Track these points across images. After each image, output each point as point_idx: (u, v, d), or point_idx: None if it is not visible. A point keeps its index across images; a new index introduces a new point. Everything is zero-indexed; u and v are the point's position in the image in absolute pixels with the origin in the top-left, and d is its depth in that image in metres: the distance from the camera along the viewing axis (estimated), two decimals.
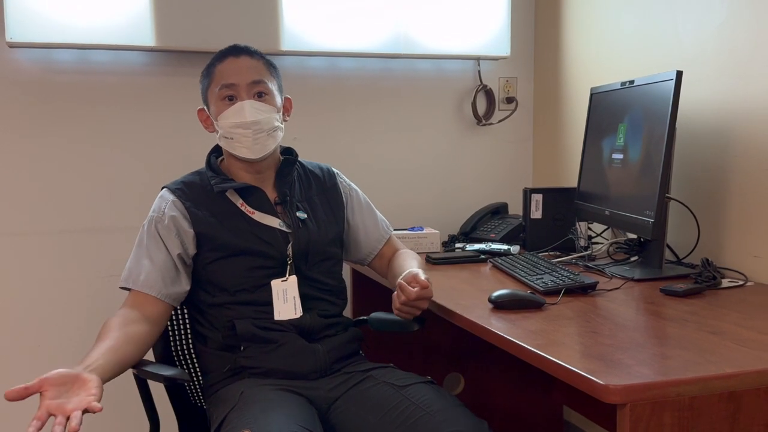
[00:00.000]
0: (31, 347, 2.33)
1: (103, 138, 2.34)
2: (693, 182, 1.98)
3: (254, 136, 1.63)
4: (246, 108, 1.63)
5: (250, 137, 1.63)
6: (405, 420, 1.47)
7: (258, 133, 1.64)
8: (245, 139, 1.64)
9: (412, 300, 1.52)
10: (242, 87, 1.64)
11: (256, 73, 1.66)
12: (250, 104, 1.63)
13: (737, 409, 1.10)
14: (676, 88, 1.72)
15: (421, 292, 1.52)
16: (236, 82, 1.64)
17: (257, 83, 1.66)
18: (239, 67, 1.66)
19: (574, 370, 1.14)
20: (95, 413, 1.25)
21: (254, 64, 1.68)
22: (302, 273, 1.68)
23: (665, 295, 1.64)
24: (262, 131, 1.64)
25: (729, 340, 1.28)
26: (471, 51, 2.61)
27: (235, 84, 1.64)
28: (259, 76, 1.66)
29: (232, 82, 1.64)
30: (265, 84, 1.67)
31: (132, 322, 1.53)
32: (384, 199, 2.34)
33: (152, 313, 1.59)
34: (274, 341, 1.62)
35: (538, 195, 2.30)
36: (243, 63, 1.67)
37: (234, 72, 1.65)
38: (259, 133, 1.64)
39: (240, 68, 1.66)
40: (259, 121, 1.63)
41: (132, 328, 1.52)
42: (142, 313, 1.57)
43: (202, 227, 1.64)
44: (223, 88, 1.65)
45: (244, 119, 1.62)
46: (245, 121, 1.62)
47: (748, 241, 1.83)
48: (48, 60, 2.27)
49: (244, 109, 1.63)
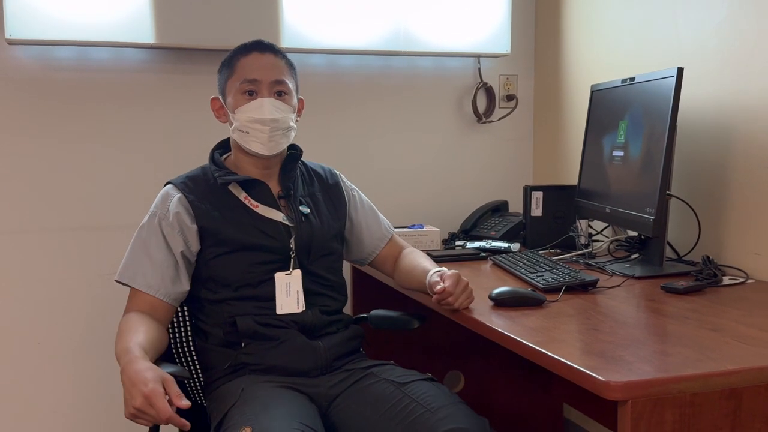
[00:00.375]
0: (31, 345, 2.32)
1: (102, 135, 2.34)
2: (694, 179, 1.98)
3: (270, 134, 1.65)
4: (266, 105, 1.64)
5: (266, 134, 1.64)
6: (405, 417, 1.47)
7: (274, 131, 1.65)
8: (261, 135, 1.65)
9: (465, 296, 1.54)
10: (264, 84, 1.65)
11: (279, 72, 1.67)
12: (270, 102, 1.65)
13: (738, 406, 1.10)
14: (677, 85, 1.72)
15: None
16: (260, 78, 1.65)
17: (279, 83, 1.67)
18: (264, 64, 1.67)
19: (574, 366, 1.14)
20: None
21: (278, 63, 1.69)
22: (304, 267, 1.68)
23: (666, 292, 1.64)
24: (278, 129, 1.66)
25: (730, 337, 1.28)
26: (471, 48, 2.61)
27: (258, 80, 1.65)
28: (282, 76, 1.67)
29: (255, 78, 1.65)
30: (286, 84, 1.68)
31: (148, 320, 1.56)
32: (384, 196, 2.34)
33: (158, 315, 1.60)
34: (275, 338, 1.62)
35: (539, 192, 2.30)
36: (268, 60, 1.67)
37: (258, 68, 1.66)
38: (276, 131, 1.65)
39: (265, 65, 1.66)
40: (277, 119, 1.65)
41: (153, 323, 1.56)
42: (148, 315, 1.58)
43: (205, 221, 1.65)
44: (245, 83, 1.65)
45: (263, 116, 1.64)
46: (264, 118, 1.64)
47: (749, 239, 1.83)
48: (47, 57, 2.27)
49: (263, 106, 1.64)
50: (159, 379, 1.31)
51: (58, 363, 2.36)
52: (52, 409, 2.36)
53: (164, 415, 1.28)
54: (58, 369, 2.35)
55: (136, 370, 1.33)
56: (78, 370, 2.37)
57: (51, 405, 2.36)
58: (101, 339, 2.35)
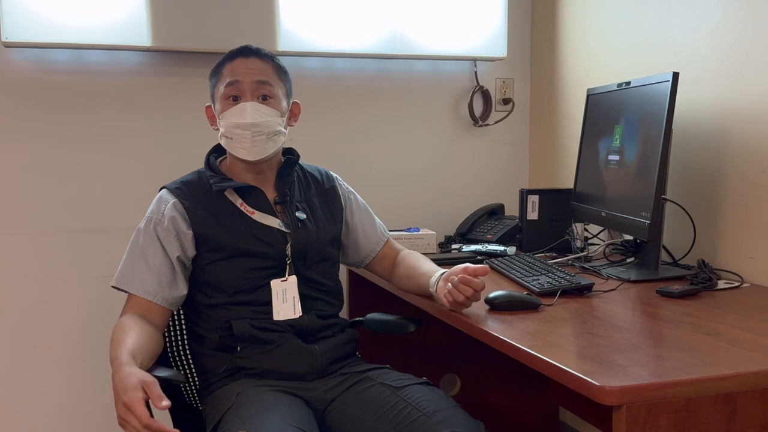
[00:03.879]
0: (26, 348, 2.32)
1: (98, 138, 2.34)
2: (689, 183, 1.99)
3: (252, 138, 1.63)
4: (247, 109, 1.62)
5: (248, 139, 1.63)
6: (401, 421, 1.47)
7: (257, 136, 1.63)
8: (244, 141, 1.63)
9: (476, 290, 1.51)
10: (247, 88, 1.63)
11: (262, 74, 1.65)
12: (252, 106, 1.63)
13: (733, 411, 1.10)
14: (672, 90, 1.73)
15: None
16: (241, 79, 1.63)
17: (262, 84, 1.65)
18: (247, 67, 1.65)
19: (569, 371, 1.14)
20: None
21: (262, 66, 1.67)
22: (300, 273, 1.68)
23: (661, 296, 1.64)
24: (261, 134, 1.64)
25: (725, 342, 1.28)
26: (468, 52, 2.61)
27: (240, 81, 1.63)
28: (264, 77, 1.65)
29: (237, 79, 1.64)
30: (270, 87, 1.66)
31: (142, 323, 1.55)
32: (380, 199, 2.34)
33: (153, 319, 1.59)
34: (270, 342, 1.61)
35: (535, 196, 2.30)
36: (251, 64, 1.66)
37: (241, 72, 1.64)
38: (258, 135, 1.63)
39: (247, 69, 1.65)
40: (259, 123, 1.63)
41: (146, 327, 1.54)
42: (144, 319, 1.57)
43: (201, 227, 1.64)
44: (229, 86, 1.64)
45: (244, 120, 1.62)
46: (245, 123, 1.62)
47: (744, 243, 1.84)
48: (43, 60, 2.27)
49: (245, 111, 1.62)
50: (138, 385, 1.29)
51: (52, 366, 2.35)
52: (47, 412, 2.35)
53: (143, 421, 1.25)
54: (52, 372, 2.35)
55: (119, 378, 1.32)
56: (72, 373, 2.36)
57: (45, 408, 2.35)
58: (95, 342, 2.35)
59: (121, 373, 1.34)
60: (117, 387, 1.31)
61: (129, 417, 1.26)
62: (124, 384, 1.30)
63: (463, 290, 1.50)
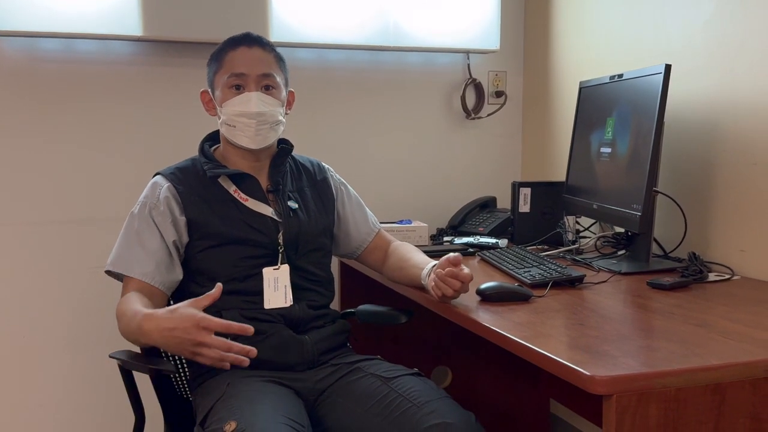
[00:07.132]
0: (18, 339, 2.31)
1: (89, 128, 2.32)
2: (680, 176, 1.99)
3: (257, 127, 1.64)
4: (253, 99, 1.64)
5: (252, 127, 1.64)
6: (392, 411, 1.47)
7: (261, 125, 1.65)
8: (248, 129, 1.64)
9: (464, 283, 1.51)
10: (251, 78, 1.65)
11: (266, 66, 1.67)
12: (257, 96, 1.64)
13: (722, 401, 1.10)
14: (664, 82, 1.73)
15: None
16: (246, 72, 1.64)
17: (266, 76, 1.66)
18: (251, 58, 1.66)
19: (560, 361, 1.14)
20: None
21: (266, 56, 1.68)
22: (292, 263, 1.68)
23: (652, 288, 1.64)
24: (265, 123, 1.65)
25: (715, 333, 1.28)
26: (460, 44, 2.61)
27: (245, 74, 1.65)
28: (269, 70, 1.67)
29: (242, 72, 1.64)
30: (273, 78, 1.68)
31: (145, 301, 1.55)
32: (372, 191, 2.33)
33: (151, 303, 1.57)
34: (261, 332, 1.61)
35: (527, 189, 2.30)
36: (255, 54, 1.67)
37: (245, 62, 1.65)
38: (263, 124, 1.65)
39: (252, 59, 1.66)
40: (264, 113, 1.64)
41: (149, 305, 1.55)
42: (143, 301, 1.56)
43: (194, 213, 1.64)
44: (232, 77, 1.65)
45: (249, 109, 1.63)
46: (250, 112, 1.63)
47: (735, 236, 1.84)
48: (33, 49, 2.25)
49: (251, 100, 1.64)
50: (191, 306, 1.37)
51: (46, 356, 2.34)
52: (38, 403, 2.34)
53: (221, 328, 1.35)
54: (45, 363, 2.34)
55: (160, 318, 1.39)
56: (64, 364, 2.36)
57: (38, 399, 2.34)
58: (88, 333, 2.34)
59: (156, 316, 1.40)
60: (164, 325, 1.36)
61: (206, 338, 1.33)
62: (177, 315, 1.36)
63: (452, 284, 1.50)
